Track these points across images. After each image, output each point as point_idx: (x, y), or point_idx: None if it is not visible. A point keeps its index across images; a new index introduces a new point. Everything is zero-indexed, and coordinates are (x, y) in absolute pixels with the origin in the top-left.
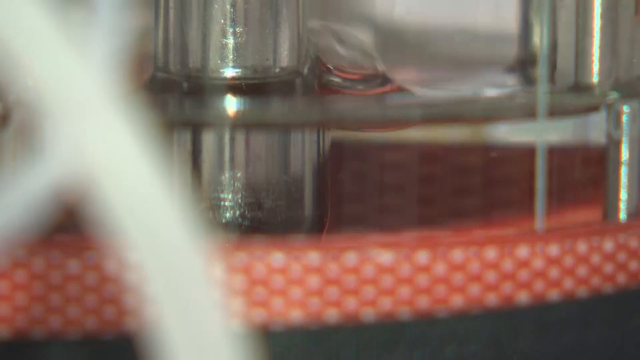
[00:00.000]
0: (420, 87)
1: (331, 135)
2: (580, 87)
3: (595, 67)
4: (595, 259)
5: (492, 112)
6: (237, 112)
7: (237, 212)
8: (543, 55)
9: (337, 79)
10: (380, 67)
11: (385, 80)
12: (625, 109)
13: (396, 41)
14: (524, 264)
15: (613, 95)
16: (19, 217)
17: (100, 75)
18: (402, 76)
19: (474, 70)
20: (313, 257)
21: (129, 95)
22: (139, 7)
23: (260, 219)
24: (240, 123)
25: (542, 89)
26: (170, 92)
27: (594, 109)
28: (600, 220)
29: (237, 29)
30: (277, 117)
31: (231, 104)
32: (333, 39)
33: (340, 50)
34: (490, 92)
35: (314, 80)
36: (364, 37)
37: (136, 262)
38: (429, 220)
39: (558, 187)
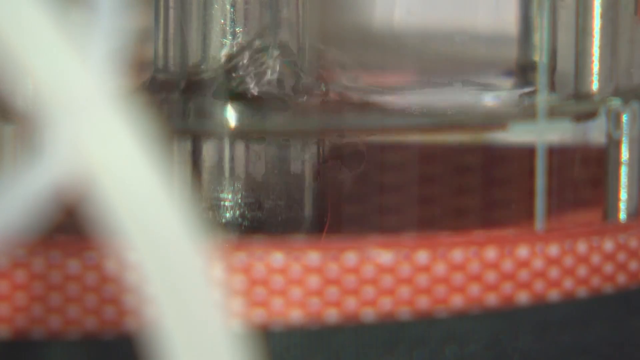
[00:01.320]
0: (421, 90)
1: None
2: (580, 88)
3: (595, 67)
4: (595, 259)
5: (492, 120)
6: (237, 117)
7: (237, 212)
8: (543, 56)
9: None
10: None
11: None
12: (626, 109)
13: (395, 43)
14: (524, 264)
15: (613, 102)
16: (19, 217)
17: (100, 76)
18: (401, 79)
19: (473, 72)
20: (313, 257)
21: (128, 96)
22: (139, 8)
23: (260, 219)
24: (240, 127)
25: (542, 89)
26: (170, 93)
27: (593, 114)
28: (600, 220)
29: (237, 30)
30: (277, 127)
31: (231, 108)
32: None
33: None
34: (490, 99)
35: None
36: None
37: (136, 262)
38: (429, 221)
39: (558, 187)
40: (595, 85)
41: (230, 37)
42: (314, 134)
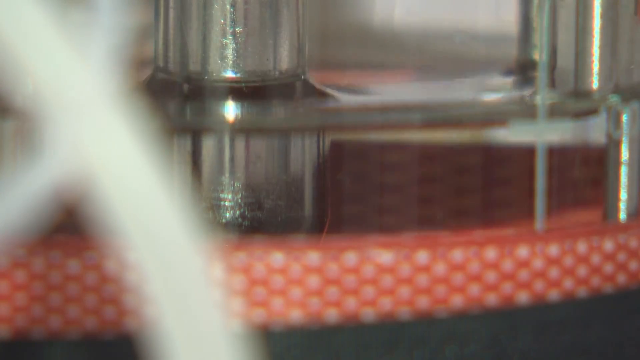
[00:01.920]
0: (424, 89)
1: (331, 135)
2: (580, 89)
3: (595, 67)
4: (595, 259)
5: (492, 117)
6: (237, 117)
7: (237, 212)
8: (543, 56)
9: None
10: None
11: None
12: (625, 109)
13: (395, 42)
14: (524, 264)
15: (613, 99)
16: (19, 217)
17: (100, 76)
18: (401, 78)
19: (473, 71)
20: (313, 257)
21: (128, 96)
22: (139, 5)
23: (260, 219)
24: (240, 128)
25: (541, 89)
26: (170, 93)
27: (593, 112)
28: (600, 220)
29: (237, 30)
30: (277, 123)
31: (231, 108)
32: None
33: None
34: (490, 96)
35: (314, 81)
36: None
37: (136, 262)
38: (429, 221)
39: (558, 187)
40: (595, 85)
41: (230, 37)
42: (314, 130)
